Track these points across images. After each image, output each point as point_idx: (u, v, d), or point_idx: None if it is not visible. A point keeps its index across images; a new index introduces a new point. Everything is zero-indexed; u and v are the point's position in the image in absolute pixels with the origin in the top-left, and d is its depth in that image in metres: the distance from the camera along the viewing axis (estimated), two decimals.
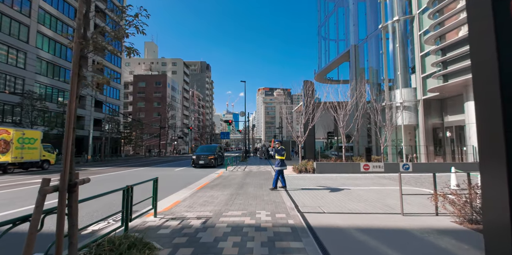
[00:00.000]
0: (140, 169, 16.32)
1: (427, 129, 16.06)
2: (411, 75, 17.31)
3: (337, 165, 11.75)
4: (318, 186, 8.14)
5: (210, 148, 18.23)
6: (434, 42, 14.46)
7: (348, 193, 6.81)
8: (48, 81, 30.77)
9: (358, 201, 5.86)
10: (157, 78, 59.52)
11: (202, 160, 16.09)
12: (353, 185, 8.23)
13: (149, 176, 12.42)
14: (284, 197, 6.25)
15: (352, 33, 23.47)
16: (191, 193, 7.33)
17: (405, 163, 11.88)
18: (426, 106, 16.12)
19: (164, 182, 9.94)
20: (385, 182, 9.02)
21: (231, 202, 5.83)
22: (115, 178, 11.52)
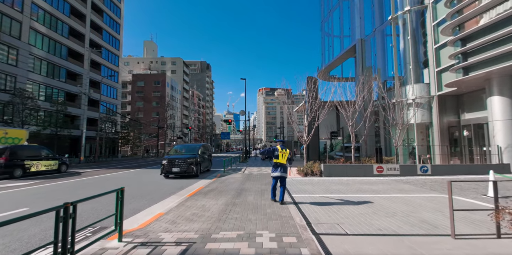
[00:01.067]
0: (132, 171, 15.15)
1: (442, 127, 14.82)
2: (423, 70, 16.07)
3: (347, 168, 10.53)
4: (329, 193, 6.92)
5: (190, 148, 12.92)
6: (452, 32, 13.23)
7: (369, 203, 5.60)
8: (42, 79, 29.69)
9: (386, 214, 4.65)
10: (156, 77, 58.47)
11: (177, 167, 10.79)
12: (371, 192, 7.01)
13: (136, 180, 10.97)
14: (292, 209, 5.04)
15: (358, 28, 22.27)
16: (179, 201, 6.14)
17: (423, 165, 10.65)
18: (441, 102, 14.88)
19: (153, 187, 8.76)
20: (406, 187, 7.79)
21: (225, 216, 4.62)
22: (95, 183, 10.33)
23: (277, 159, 5.66)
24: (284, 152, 5.63)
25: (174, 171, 10.86)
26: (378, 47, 19.32)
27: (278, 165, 5.64)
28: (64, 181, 10.57)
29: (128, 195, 7.32)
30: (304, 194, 6.67)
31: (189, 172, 10.92)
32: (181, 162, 10.97)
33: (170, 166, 10.86)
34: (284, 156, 5.63)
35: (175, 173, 10.92)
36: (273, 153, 5.66)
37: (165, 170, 10.98)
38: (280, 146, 5.75)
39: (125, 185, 9.71)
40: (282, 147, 5.74)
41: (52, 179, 11.42)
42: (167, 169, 10.90)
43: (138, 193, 7.68)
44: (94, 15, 38.27)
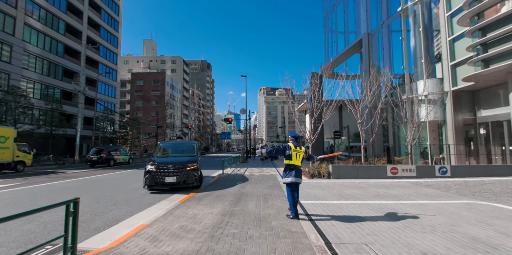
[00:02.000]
0: (125, 172, 14.23)
1: (457, 125, 13.82)
2: (436, 64, 15.09)
3: (358, 169, 9.56)
4: (343, 199, 5.96)
5: (183, 147, 9.28)
6: (470, 22, 12.25)
7: (395, 213, 4.64)
8: (37, 77, 28.85)
9: (422, 229, 3.69)
10: (155, 76, 57.62)
11: (173, 175, 7.30)
12: (392, 198, 6.05)
13: (125, 182, 9.63)
14: (303, 222, 4.08)
15: (364, 22, 21.28)
16: (168, 208, 5.20)
17: (442, 166, 9.67)
18: (456, 99, 13.88)
19: (142, 190, 7.81)
20: (429, 191, 6.82)
21: (220, 231, 3.67)
22: (79, 187, 9.40)
23: (289, 159, 4.29)
24: (298, 150, 4.32)
25: (168, 182, 7.23)
26: (386, 41, 18.34)
27: (291, 168, 4.27)
28: (40, 184, 9.65)
29: (111, 201, 6.39)
30: (314, 201, 5.70)
31: (189, 182, 7.43)
32: (178, 169, 7.35)
33: (161, 175, 7.25)
34: (298, 156, 4.31)
35: (169, 185, 7.35)
36: (283, 152, 4.33)
37: (152, 180, 7.26)
38: (293, 143, 4.40)
39: (112, 188, 8.81)
40: (296, 144, 4.39)
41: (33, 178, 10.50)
42: (157, 179, 7.24)
43: (124, 197, 6.75)
44: (91, 12, 37.43)
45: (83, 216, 4.97)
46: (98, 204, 6.06)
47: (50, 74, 30.66)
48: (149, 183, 7.38)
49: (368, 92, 11.57)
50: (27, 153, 16.07)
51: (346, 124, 23.03)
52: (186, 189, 7.68)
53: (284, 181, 4.36)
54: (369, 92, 11.60)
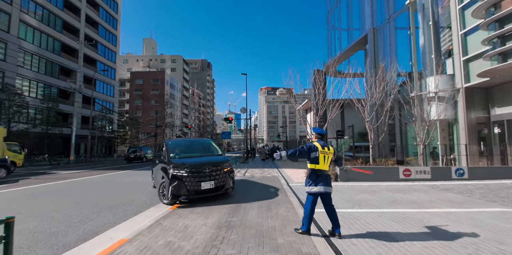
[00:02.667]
0: (119, 173, 13.54)
1: (470, 124, 13.06)
2: (446, 60, 14.32)
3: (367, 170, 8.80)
4: (357, 206, 5.24)
5: (201, 145, 7.72)
6: (485, 14, 11.49)
7: (423, 226, 3.91)
8: (33, 75, 28.21)
9: (465, 249, 2.97)
10: (155, 75, 56.97)
11: (210, 180, 5.74)
12: (412, 205, 5.32)
13: (116, 185, 8.70)
14: (316, 238, 3.37)
15: (369, 17, 20.53)
16: (156, 218, 4.50)
17: (459, 168, 8.94)
18: (468, 96, 13.12)
19: (132, 194, 7.11)
20: (452, 197, 6.08)
21: (214, 252, 2.96)
22: (64, 190, 8.71)
23: (315, 163, 3.41)
24: (326, 152, 3.46)
25: (205, 189, 5.61)
26: (393, 36, 17.58)
27: (318, 175, 3.41)
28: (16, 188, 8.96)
29: (94, 207, 5.69)
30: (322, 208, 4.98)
31: (227, 187, 6.11)
32: (216, 171, 5.86)
33: (196, 180, 5.55)
34: (327, 159, 3.44)
35: (206, 192, 5.67)
36: (308, 154, 3.45)
37: (182, 188, 5.45)
38: (319, 143, 3.51)
39: (100, 192, 7.84)
40: (323, 144, 3.53)
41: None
42: (190, 185, 5.48)
43: (109, 203, 6.04)
44: (89, 9, 36.79)
45: (57, 227, 4.28)
46: (78, 211, 5.36)
47: (46, 72, 30.02)
48: (178, 192, 5.38)
49: (376, 89, 10.83)
50: (18, 153, 15.40)
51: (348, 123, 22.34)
52: None
53: (310, 191, 3.45)
54: (377, 88, 10.86)
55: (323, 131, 3.67)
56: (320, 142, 3.57)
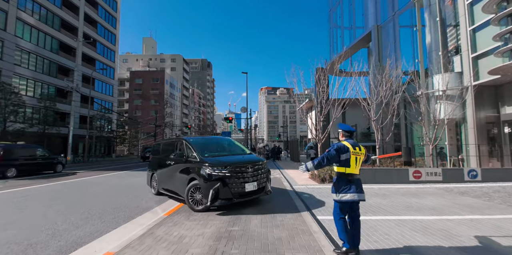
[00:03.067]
0: (115, 174, 13.09)
1: (479, 123, 12.60)
2: (454, 57, 13.87)
3: (376, 172, 8.37)
4: (370, 212, 4.78)
5: (227, 142, 6.77)
6: (497, 9, 11.03)
7: (450, 238, 3.46)
8: (30, 74, 27.79)
9: None
10: (154, 75, 56.54)
11: (253, 180, 5.11)
12: (430, 211, 4.86)
13: (109, 187, 7.98)
14: (327, 251, 2.92)
15: (373, 14, 20.08)
16: (149, 226, 4.04)
17: (472, 169, 8.48)
18: (477, 94, 12.65)
19: (126, 198, 6.63)
20: (470, 202, 5.62)
21: None
22: (56, 192, 8.27)
23: (345, 166, 2.89)
24: (358, 153, 2.94)
25: (249, 191, 5.03)
26: (397, 34, 17.13)
27: (350, 180, 2.87)
28: None
29: (84, 213, 5.24)
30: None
31: (267, 189, 5.50)
32: (258, 170, 5.31)
33: (240, 181, 4.94)
34: (359, 161, 2.94)
35: (249, 195, 5.09)
36: (338, 157, 2.89)
37: (227, 191, 4.81)
38: (349, 142, 2.96)
39: (94, 195, 6.96)
40: (353, 143, 2.98)
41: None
42: (234, 187, 4.87)
43: (100, 208, 5.59)
44: (88, 8, 36.35)
45: (37, 237, 3.83)
46: (65, 217, 4.91)
47: (44, 71, 29.59)
48: (223, 196, 4.76)
49: (383, 86, 10.37)
50: None
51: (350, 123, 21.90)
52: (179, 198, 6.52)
53: (341, 199, 2.86)
54: (384, 86, 10.40)
55: (352, 127, 3.11)
56: (350, 141, 3.00)
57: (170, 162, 6.09)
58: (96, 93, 36.26)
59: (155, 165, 6.90)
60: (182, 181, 5.38)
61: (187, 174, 5.28)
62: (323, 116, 10.25)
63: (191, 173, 5.17)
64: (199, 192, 4.93)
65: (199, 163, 5.12)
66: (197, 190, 4.97)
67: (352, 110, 14.66)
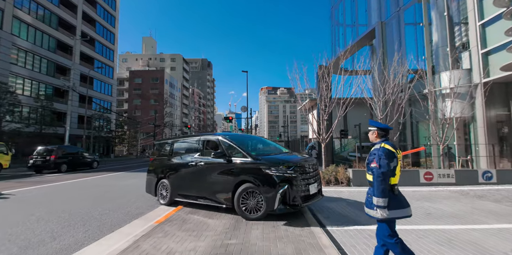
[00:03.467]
0: (112, 175, 12.62)
1: (489, 122, 12.08)
2: (462, 54, 13.35)
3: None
4: None
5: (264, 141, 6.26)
6: (510, 2, 10.51)
7: (480, 251, 2.96)
8: (27, 73, 27.38)
9: None
10: (154, 74, 56.12)
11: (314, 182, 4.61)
12: (451, 219, 4.35)
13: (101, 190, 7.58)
14: None
15: (376, 10, 19.56)
16: (136, 237, 3.55)
17: (487, 171, 7.98)
18: (488, 92, 12.12)
19: (117, 201, 6.10)
20: (491, 207, 5.12)
21: None
22: (43, 195, 7.80)
23: (392, 176, 2.25)
24: (400, 157, 2.39)
25: (312, 194, 4.51)
26: (402, 30, 16.60)
27: (398, 192, 2.28)
28: None
29: (67, 219, 4.76)
30: (346, 225, 4.02)
31: (321, 191, 5.06)
32: (316, 171, 4.91)
33: (305, 182, 4.37)
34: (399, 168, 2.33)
35: (312, 198, 4.52)
36: (388, 165, 2.21)
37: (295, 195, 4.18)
38: (390, 145, 2.33)
39: (83, 198, 6.34)
40: (394, 146, 2.37)
41: None
42: (302, 190, 4.29)
43: (85, 214, 5.10)
44: (86, 6, 35.94)
45: (3, 252, 3.34)
46: (45, 225, 4.43)
47: (41, 70, 29.18)
48: (293, 200, 4.12)
49: (390, 83, 9.87)
50: (4, 153, 14.50)
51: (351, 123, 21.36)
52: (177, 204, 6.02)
53: (393, 216, 2.18)
54: (391, 82, 9.90)
55: (387, 125, 2.51)
56: (390, 143, 2.34)
57: (196, 163, 5.10)
58: (94, 93, 35.84)
59: (164, 168, 5.77)
60: (224, 185, 4.57)
61: (233, 176, 4.50)
62: (327, 114, 9.75)
63: (240, 175, 4.42)
64: (252, 197, 4.25)
65: (252, 163, 4.40)
66: (250, 195, 4.28)
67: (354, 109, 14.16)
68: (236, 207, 4.35)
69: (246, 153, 4.61)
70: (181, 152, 5.74)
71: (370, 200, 2.26)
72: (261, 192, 4.17)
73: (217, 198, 4.70)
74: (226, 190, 4.53)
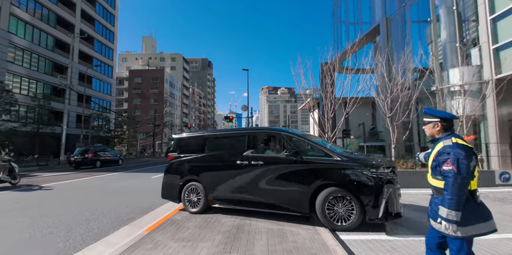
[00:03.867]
0: (107, 176, 12.16)
1: (502, 121, 11.59)
2: (471, 50, 12.86)
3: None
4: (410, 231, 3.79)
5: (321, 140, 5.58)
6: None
7: None
8: (24, 71, 26.95)
9: None
10: (154, 73, 55.70)
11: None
12: None
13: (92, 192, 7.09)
14: None
15: (380, 7, 19.09)
16: (120, 250, 3.07)
17: (504, 171, 7.49)
18: (499, 89, 11.63)
19: (109, 204, 5.55)
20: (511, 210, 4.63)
21: None
22: (27, 199, 7.34)
23: (471, 179, 1.71)
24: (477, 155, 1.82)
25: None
26: (409, 25, 16.12)
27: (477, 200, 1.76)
28: None
29: (49, 227, 4.27)
30: (359, 234, 3.53)
31: None
32: None
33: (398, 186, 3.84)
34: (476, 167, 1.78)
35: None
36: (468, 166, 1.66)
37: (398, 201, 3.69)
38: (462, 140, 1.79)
39: (73, 201, 5.78)
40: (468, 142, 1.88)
41: None
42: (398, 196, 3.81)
43: (71, 220, 4.62)
44: (85, 4, 35.51)
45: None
46: (20, 234, 3.93)
47: (39, 69, 28.75)
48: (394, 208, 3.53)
49: (400, 79, 9.38)
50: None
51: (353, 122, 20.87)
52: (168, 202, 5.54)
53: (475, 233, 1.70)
54: (401, 78, 9.42)
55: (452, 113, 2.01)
56: (461, 137, 1.83)
57: (248, 163, 4.26)
58: (93, 92, 35.43)
59: (194, 168, 4.84)
60: (297, 189, 3.85)
61: (311, 178, 3.79)
62: (332, 112, 9.27)
63: (322, 177, 3.73)
64: (341, 204, 3.59)
65: (339, 163, 3.73)
66: (337, 201, 3.61)
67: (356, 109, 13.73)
68: (320, 216, 3.64)
69: (329, 151, 3.92)
70: (220, 149, 4.82)
71: (437, 211, 1.76)
72: (354, 197, 3.52)
73: (285, 204, 3.91)
74: (301, 196, 3.78)
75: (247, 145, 4.45)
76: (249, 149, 4.41)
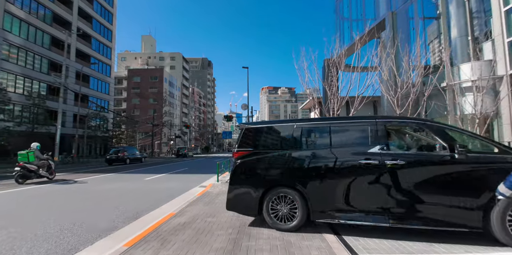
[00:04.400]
0: (100, 177, 11.53)
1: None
2: (483, 44, 12.24)
3: None
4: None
5: None
6: None
7: None
8: (19, 70, 26.35)
9: None
10: (153, 73, 55.11)
11: None
12: None
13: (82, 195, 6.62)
14: None
15: (384, 3, 18.47)
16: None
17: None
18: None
19: (90, 211, 4.86)
20: None
21: None
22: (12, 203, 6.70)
23: None
24: None
25: None
26: (417, 20, 15.50)
27: None
28: None
29: (15, 238, 3.63)
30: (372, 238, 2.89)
31: None
32: None
33: None
34: None
35: None
36: None
37: None
38: None
39: (53, 206, 4.37)
40: None
41: None
42: None
43: (43, 230, 3.97)
44: (82, 2, 34.92)
45: None
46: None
47: (34, 67, 28.15)
48: None
49: (411, 74, 8.75)
50: None
51: None
52: (161, 205, 4.90)
53: None
54: (412, 73, 8.79)
55: None
56: None
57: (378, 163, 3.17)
58: (91, 91, 34.85)
59: (287, 171, 3.62)
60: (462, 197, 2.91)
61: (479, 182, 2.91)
62: (338, 109, 8.63)
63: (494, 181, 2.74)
64: None
65: None
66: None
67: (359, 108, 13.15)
68: (498, 232, 2.70)
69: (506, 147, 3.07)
70: (325, 144, 3.63)
71: None
72: None
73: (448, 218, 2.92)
74: (468, 205, 2.87)
75: (370, 139, 3.34)
76: (376, 144, 3.30)
